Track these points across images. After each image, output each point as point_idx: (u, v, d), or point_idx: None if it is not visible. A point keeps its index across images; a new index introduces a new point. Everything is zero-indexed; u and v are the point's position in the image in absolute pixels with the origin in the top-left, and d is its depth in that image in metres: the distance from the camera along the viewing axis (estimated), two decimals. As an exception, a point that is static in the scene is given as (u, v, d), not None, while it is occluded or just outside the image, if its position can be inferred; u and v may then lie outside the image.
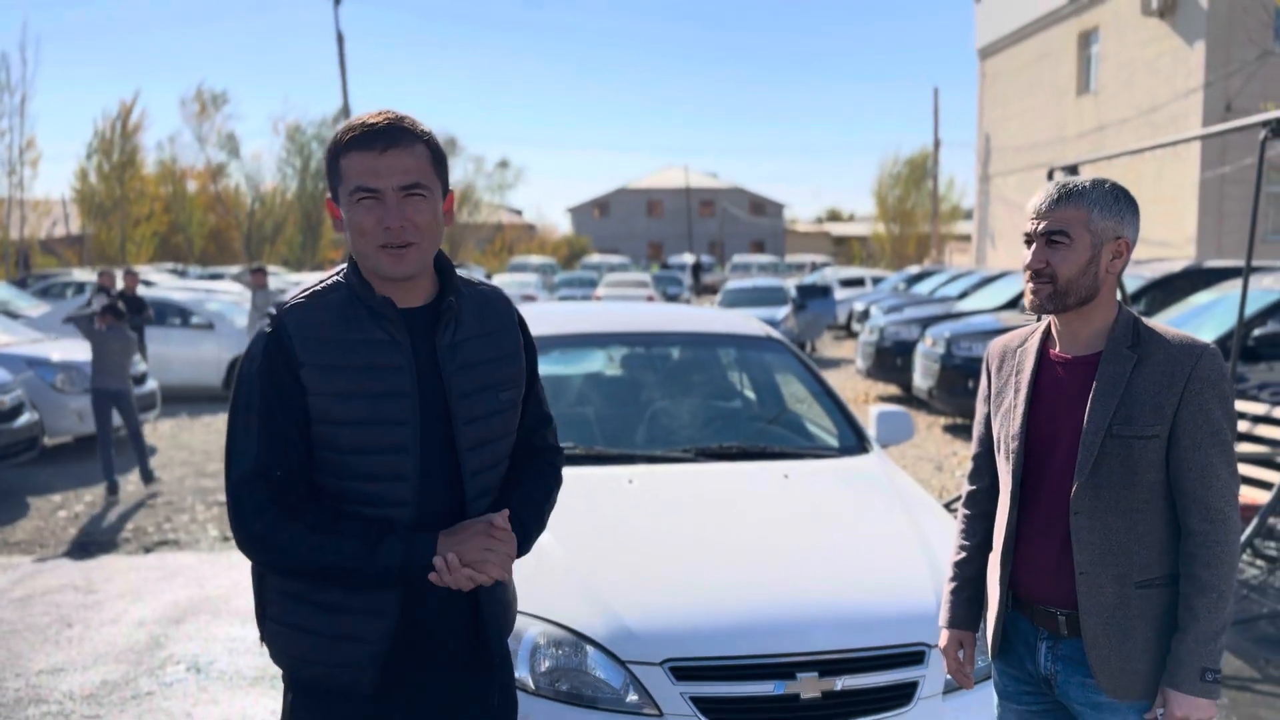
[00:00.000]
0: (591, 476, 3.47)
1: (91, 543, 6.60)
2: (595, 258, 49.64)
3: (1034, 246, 2.01)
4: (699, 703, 2.48)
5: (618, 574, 2.81)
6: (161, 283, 21.89)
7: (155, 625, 5.02)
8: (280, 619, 1.90)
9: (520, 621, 2.64)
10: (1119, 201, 1.98)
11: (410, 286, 1.87)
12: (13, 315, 14.43)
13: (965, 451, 9.46)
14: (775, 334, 4.43)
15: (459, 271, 2.02)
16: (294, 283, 21.37)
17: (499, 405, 1.92)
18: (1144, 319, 2.05)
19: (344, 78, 32.46)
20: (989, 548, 2.19)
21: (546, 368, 4.53)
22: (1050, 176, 6.71)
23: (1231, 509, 1.93)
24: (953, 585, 2.26)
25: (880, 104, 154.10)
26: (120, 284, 12.56)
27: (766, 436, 3.87)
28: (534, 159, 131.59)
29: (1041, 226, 1.99)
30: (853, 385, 14.22)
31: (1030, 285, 2.02)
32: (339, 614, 1.84)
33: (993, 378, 2.18)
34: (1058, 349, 2.07)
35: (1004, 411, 2.12)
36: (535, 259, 45.85)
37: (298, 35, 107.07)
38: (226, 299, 14.93)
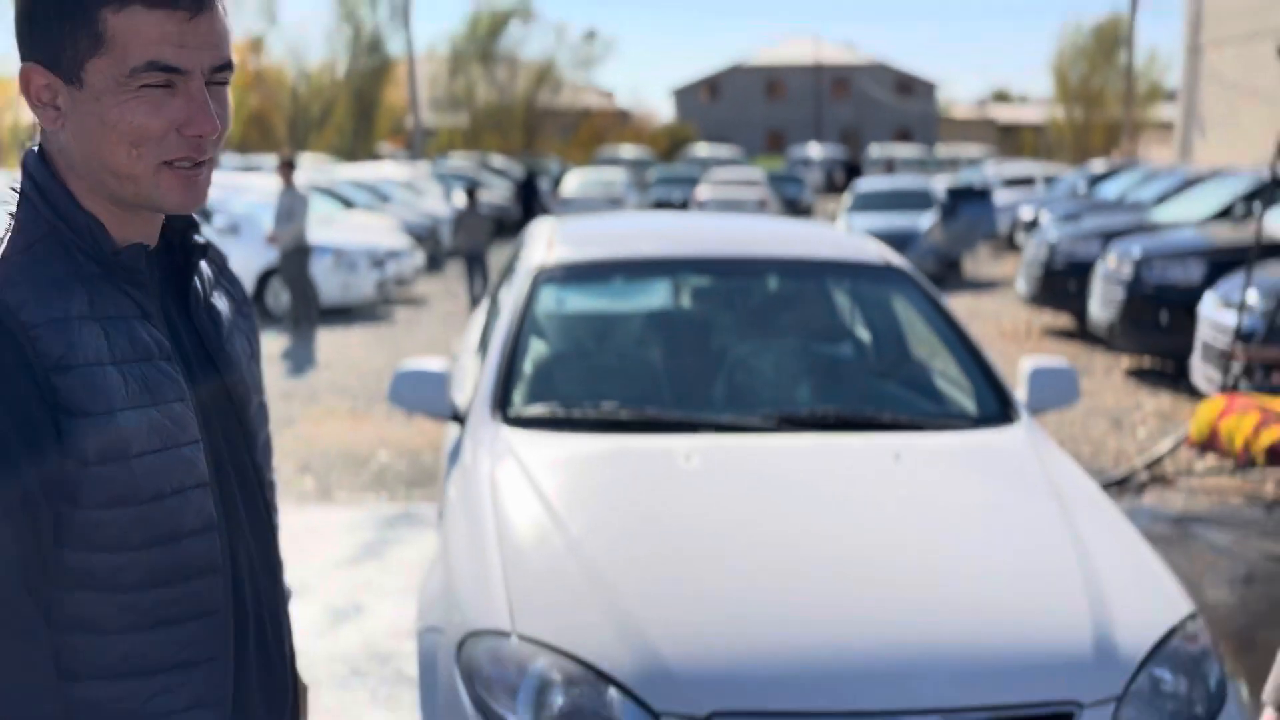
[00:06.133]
0: (638, 450, 3.19)
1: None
2: (703, 150, 48.90)
3: None
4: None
5: (657, 593, 2.54)
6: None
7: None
8: None
9: (523, 650, 2.39)
10: None
11: (137, 219, 1.40)
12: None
13: (1151, 405, 8.88)
14: (897, 261, 4.03)
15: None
16: (341, 181, 21.48)
17: (259, 384, 1.70)
18: None
19: (401, -70, 32.24)
20: None
21: (591, 301, 4.29)
22: (1283, 49, 6.00)
23: None
24: None
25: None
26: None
27: (875, 400, 3.53)
28: (629, 31, 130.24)
29: None
30: (1012, 314, 13.60)
31: None
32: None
33: None
34: None
35: None
36: (628, 151, 45.46)
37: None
38: (257, 197, 15.03)
